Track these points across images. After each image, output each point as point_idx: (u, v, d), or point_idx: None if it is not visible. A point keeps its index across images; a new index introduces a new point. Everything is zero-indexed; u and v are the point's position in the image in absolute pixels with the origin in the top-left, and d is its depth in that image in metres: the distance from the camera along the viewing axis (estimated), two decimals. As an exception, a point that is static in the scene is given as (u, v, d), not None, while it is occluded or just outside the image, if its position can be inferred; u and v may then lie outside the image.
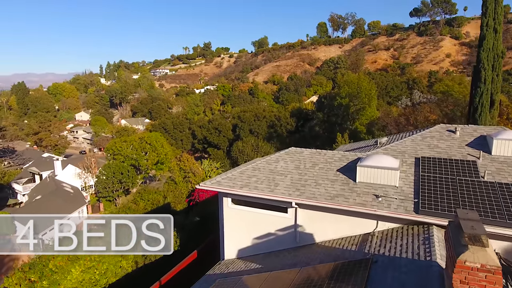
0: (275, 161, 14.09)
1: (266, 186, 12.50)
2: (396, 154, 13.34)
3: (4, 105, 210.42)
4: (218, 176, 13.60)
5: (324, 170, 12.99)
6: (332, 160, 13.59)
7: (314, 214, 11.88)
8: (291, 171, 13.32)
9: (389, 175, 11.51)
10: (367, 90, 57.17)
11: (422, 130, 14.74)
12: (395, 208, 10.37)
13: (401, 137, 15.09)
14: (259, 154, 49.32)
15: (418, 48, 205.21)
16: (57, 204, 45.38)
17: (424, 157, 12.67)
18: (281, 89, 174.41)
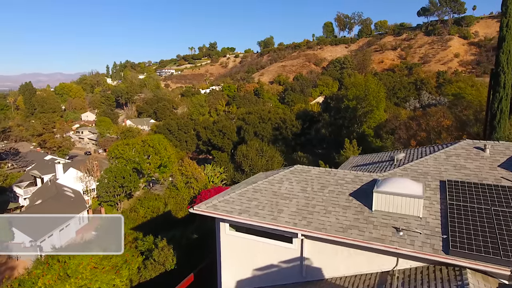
0: (279, 181, 12.54)
1: (269, 212, 11.00)
2: (418, 176, 11.74)
3: (12, 105, 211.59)
4: (215, 198, 12.14)
5: (334, 194, 11.42)
6: (344, 181, 11.99)
7: (323, 246, 10.33)
8: (296, 194, 11.78)
9: (412, 204, 9.90)
10: (375, 92, 55.39)
11: (445, 146, 13.03)
12: (419, 246, 8.79)
13: (420, 153, 13.41)
14: (264, 159, 47.84)
15: (426, 48, 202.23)
16: (57, 209, 44.34)
17: (451, 181, 11.01)
18: (287, 90, 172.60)
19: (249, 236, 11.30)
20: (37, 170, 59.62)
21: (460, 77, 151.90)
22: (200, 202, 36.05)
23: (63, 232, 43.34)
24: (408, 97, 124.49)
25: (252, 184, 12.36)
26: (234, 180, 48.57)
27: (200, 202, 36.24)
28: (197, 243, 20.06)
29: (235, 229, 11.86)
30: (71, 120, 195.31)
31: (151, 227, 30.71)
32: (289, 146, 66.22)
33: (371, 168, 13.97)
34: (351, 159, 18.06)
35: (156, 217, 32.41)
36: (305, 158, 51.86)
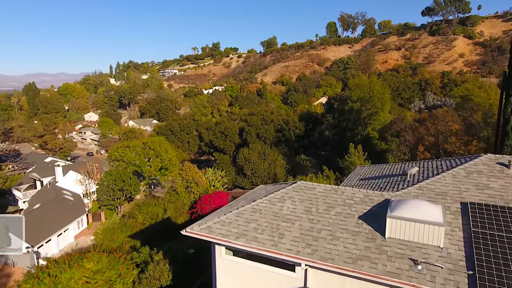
0: (280, 200, 11.36)
1: (269, 237, 9.88)
2: (435, 197, 10.55)
3: (15, 105, 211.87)
4: (210, 218, 11.02)
5: (342, 217, 10.25)
6: (352, 201, 10.80)
7: (330, 277, 9.22)
8: (300, 215, 10.61)
9: (431, 232, 8.75)
10: (380, 94, 54.08)
11: (463, 161, 11.75)
12: (442, 283, 7.61)
13: (436, 168, 12.19)
14: (266, 162, 46.73)
15: (430, 48, 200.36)
16: (56, 214, 43.48)
17: (474, 204, 9.82)
18: (290, 90, 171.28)
19: (248, 261, 10.20)
20: (37, 172, 58.85)
21: (465, 77, 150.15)
22: (200, 207, 34.95)
23: (61, 237, 42.50)
24: (412, 98, 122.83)
25: (251, 202, 11.26)
26: (236, 184, 47.54)
27: (200, 208, 35.17)
28: (194, 258, 19.03)
29: (232, 253, 10.72)
30: (74, 120, 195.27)
31: (149, 235, 29.71)
32: (292, 149, 65.05)
33: (382, 184, 12.78)
34: (358, 169, 16.92)
35: (154, 224, 31.37)
36: (308, 162, 50.73)
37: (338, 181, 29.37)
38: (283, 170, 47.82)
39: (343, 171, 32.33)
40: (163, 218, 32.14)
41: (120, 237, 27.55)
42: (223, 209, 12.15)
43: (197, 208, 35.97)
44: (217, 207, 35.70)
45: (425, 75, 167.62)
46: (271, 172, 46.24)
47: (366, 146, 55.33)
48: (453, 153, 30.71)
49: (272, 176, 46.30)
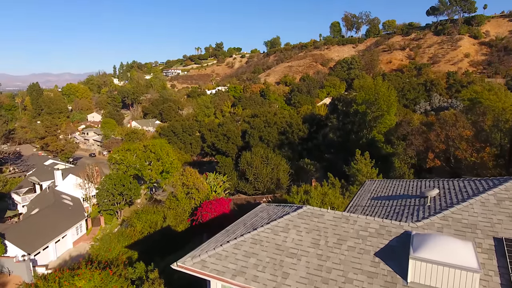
0: (284, 229, 9.96)
1: (270, 277, 8.61)
2: (463, 230, 9.13)
3: (19, 105, 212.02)
4: (204, 249, 9.73)
5: (355, 253, 8.86)
6: (367, 233, 9.38)
7: (341, 325, 7.94)
8: (306, 249, 9.24)
9: (463, 279, 7.35)
10: (385, 96, 52.72)
11: (491, 184, 10.38)
12: None
13: (459, 190, 10.86)
14: (269, 167, 45.51)
15: (435, 48, 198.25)
16: (54, 220, 42.54)
17: (510, 240, 8.39)
18: (293, 91, 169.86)
19: (247, 303, 8.92)
20: (36, 176, 57.97)
21: (471, 78, 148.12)
22: (201, 215, 33.71)
23: (59, 243, 41.53)
24: (417, 99, 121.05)
25: (251, 229, 10.02)
26: (238, 189, 46.35)
27: (201, 215, 33.94)
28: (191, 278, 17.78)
29: (229, 290, 9.42)
30: (77, 120, 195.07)
31: (147, 245, 28.60)
32: (295, 152, 63.80)
33: (398, 207, 11.44)
34: (368, 184, 15.65)
35: (153, 234, 30.23)
36: (312, 166, 49.44)
37: (344, 189, 28.10)
38: (286, 174, 46.59)
39: (349, 178, 31.01)
40: (162, 227, 30.99)
41: (116, 248, 26.44)
42: (219, 237, 10.92)
43: (198, 216, 34.85)
44: (218, 214, 34.55)
45: (430, 75, 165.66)
46: (274, 177, 45.04)
47: (371, 149, 53.95)
48: (465, 160, 29.37)
49: (275, 181, 45.09)
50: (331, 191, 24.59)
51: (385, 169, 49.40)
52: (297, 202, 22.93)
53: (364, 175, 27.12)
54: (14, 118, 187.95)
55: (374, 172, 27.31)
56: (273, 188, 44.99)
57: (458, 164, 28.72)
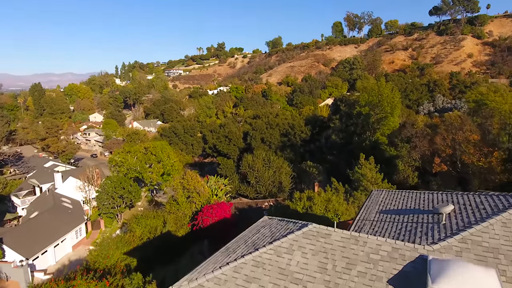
0: (288, 250, 9.15)
1: (274, 306, 7.79)
2: (484, 255, 8.30)
3: (22, 105, 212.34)
4: (202, 271, 8.87)
5: (366, 279, 8.00)
6: (378, 257, 8.54)
7: None
8: (313, 274, 8.38)
9: None
10: (389, 98, 51.97)
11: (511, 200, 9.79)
12: None
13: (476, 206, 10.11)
14: (271, 170, 44.91)
15: (438, 48, 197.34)
16: (53, 223, 42.06)
17: None
18: (295, 91, 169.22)
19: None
20: (36, 178, 57.55)
21: (474, 78, 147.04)
22: (202, 220, 33.09)
23: (58, 247, 41.03)
24: (421, 100, 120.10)
25: (253, 249, 9.33)
26: (240, 192, 45.75)
27: (201, 220, 33.32)
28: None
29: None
30: (79, 121, 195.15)
31: (147, 252, 28.05)
32: (297, 154, 63.15)
33: (409, 225, 10.61)
34: (375, 195, 14.91)
35: (153, 240, 29.66)
36: (315, 169, 48.76)
37: (348, 194, 27.45)
38: (289, 178, 45.96)
39: (352, 181, 30.32)
40: (162, 233, 30.38)
41: (115, 255, 25.89)
42: (218, 257, 10.25)
43: (199, 220, 34.27)
44: (219, 219, 33.96)
45: (433, 75, 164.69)
46: (276, 180, 44.43)
47: (375, 152, 53.27)
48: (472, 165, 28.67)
49: (277, 185, 44.46)
50: (334, 197, 23.96)
51: (389, 171, 48.77)
52: (300, 209, 22.35)
53: (369, 180, 26.47)
54: (16, 119, 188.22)
55: (379, 177, 26.66)
56: (275, 191, 44.40)
57: (465, 168, 28.03)
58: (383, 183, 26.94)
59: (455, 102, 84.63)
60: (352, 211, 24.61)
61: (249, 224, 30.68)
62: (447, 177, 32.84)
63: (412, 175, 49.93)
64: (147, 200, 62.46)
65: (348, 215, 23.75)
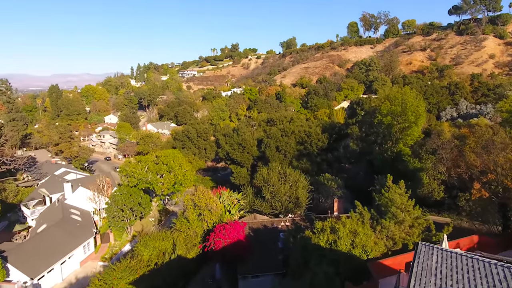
0: None
1: None
2: None
3: (40, 106, 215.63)
4: None
5: None
6: None
7: None
8: None
9: None
10: (413, 107, 48.76)
11: None
12: None
13: None
14: (287, 184, 42.39)
15: (458, 49, 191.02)
16: (61, 239, 40.60)
17: None
18: (310, 93, 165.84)
19: None
20: (46, 188, 56.49)
21: (497, 80, 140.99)
22: (214, 241, 30.82)
23: (65, 264, 39.50)
24: (441, 103, 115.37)
25: None
26: (254, 207, 43.40)
27: (213, 241, 31.07)
28: None
29: None
30: (94, 122, 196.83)
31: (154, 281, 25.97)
32: (314, 163, 60.40)
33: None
34: (426, 257, 11.87)
35: (161, 267, 27.59)
36: (333, 182, 45.99)
37: (374, 221, 24.76)
38: (306, 192, 43.35)
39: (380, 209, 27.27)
40: (170, 259, 28.27)
41: (120, 285, 23.87)
42: None
43: (210, 242, 32.12)
44: (232, 241, 31.69)
45: (453, 77, 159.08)
46: (293, 195, 41.89)
47: (397, 163, 50.18)
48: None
49: (294, 200, 41.93)
50: (361, 228, 21.39)
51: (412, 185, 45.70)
52: (323, 243, 19.87)
53: (398, 207, 23.72)
54: (34, 120, 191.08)
55: (410, 204, 23.91)
56: (292, 207, 41.89)
57: (507, 193, 25.02)
58: (415, 210, 24.15)
59: (480, 107, 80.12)
60: (381, 245, 21.98)
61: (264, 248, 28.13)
62: (483, 201, 29.83)
63: (437, 189, 46.71)
64: (158, 209, 60.82)
65: (377, 250, 21.16)
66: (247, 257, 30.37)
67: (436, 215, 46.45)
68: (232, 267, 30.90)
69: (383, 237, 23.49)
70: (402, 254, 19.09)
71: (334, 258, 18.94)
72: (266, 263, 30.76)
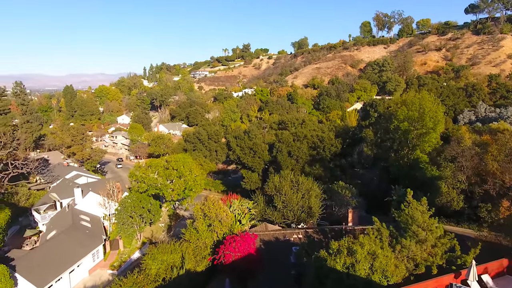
0: None
1: None
2: None
3: (55, 107, 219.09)
4: None
5: None
6: None
7: None
8: None
9: None
10: (432, 112, 46.92)
11: None
12: None
13: None
14: (300, 193, 41.09)
15: (475, 48, 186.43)
16: (70, 246, 40.19)
17: None
18: (322, 94, 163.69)
19: None
20: (57, 192, 56.36)
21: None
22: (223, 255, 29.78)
23: (73, 273, 39.01)
24: (457, 105, 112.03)
25: None
26: (265, 216, 42.23)
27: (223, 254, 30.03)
28: None
29: None
30: (107, 122, 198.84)
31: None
32: (327, 169, 58.93)
33: None
34: None
35: (169, 283, 26.64)
36: (348, 191, 44.49)
37: (394, 240, 23.31)
38: (319, 201, 41.99)
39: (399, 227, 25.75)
40: (179, 274, 27.29)
41: (126, 303, 23.00)
42: None
43: (220, 255, 31.04)
44: (242, 255, 30.57)
45: (470, 78, 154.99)
46: (305, 204, 40.58)
47: (414, 171, 48.36)
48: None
49: (306, 210, 40.62)
50: (380, 250, 20.03)
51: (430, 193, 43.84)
52: (340, 267, 18.60)
53: (420, 226, 22.24)
54: (49, 120, 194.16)
55: (433, 222, 22.38)
56: (304, 217, 40.59)
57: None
58: (438, 228, 22.61)
59: (500, 110, 77.14)
60: (402, 268, 20.54)
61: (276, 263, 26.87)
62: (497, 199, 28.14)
63: (457, 199, 44.73)
64: (168, 213, 60.20)
65: (398, 275, 19.74)
66: (258, 272, 29.21)
67: (455, 225, 44.53)
68: (243, 282, 29.78)
69: (403, 257, 22.03)
70: (426, 281, 17.68)
71: (352, 284, 17.67)
72: (278, 278, 29.57)
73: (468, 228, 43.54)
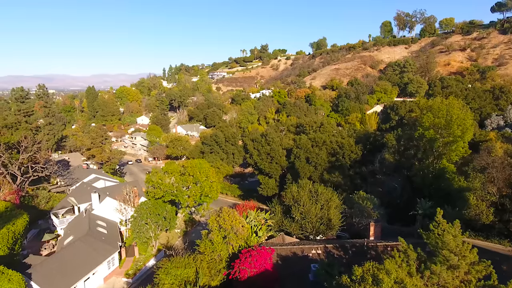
0: None
1: None
2: None
3: (78, 107, 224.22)
4: None
5: None
6: None
7: None
8: None
9: None
10: (460, 119, 44.44)
11: None
12: None
13: None
14: (319, 204, 39.55)
15: (502, 48, 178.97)
16: (86, 254, 39.92)
17: None
18: (340, 96, 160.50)
19: None
20: (75, 196, 56.65)
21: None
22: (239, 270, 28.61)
23: (89, 281, 38.71)
24: (484, 109, 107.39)
25: None
26: (282, 228, 40.88)
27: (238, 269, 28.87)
28: None
29: None
30: (127, 123, 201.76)
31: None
32: (346, 176, 57.00)
33: None
34: None
35: (182, 301, 25.73)
36: (369, 202, 42.58)
37: (422, 264, 21.59)
38: (339, 212, 40.35)
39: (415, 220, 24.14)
40: None
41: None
42: None
43: (235, 270, 29.97)
44: (258, 271, 29.40)
45: (496, 79, 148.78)
46: (325, 216, 39.00)
47: (440, 181, 45.96)
48: None
49: (326, 222, 39.03)
50: (409, 279, 18.44)
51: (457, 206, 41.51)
52: (364, 298, 17.15)
53: (452, 251, 20.47)
54: (72, 120, 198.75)
55: (467, 247, 20.56)
56: (323, 228, 39.02)
57: None
58: (472, 253, 20.76)
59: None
60: (432, 299, 18.89)
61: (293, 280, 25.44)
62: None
63: (486, 212, 42.19)
64: (184, 219, 59.62)
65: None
66: (275, 290, 27.99)
67: (484, 240, 42.07)
68: (259, 301, 28.57)
69: (433, 285, 20.32)
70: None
71: (377, 317, 16.24)
72: (296, 297, 28.25)
73: (498, 243, 41.08)
